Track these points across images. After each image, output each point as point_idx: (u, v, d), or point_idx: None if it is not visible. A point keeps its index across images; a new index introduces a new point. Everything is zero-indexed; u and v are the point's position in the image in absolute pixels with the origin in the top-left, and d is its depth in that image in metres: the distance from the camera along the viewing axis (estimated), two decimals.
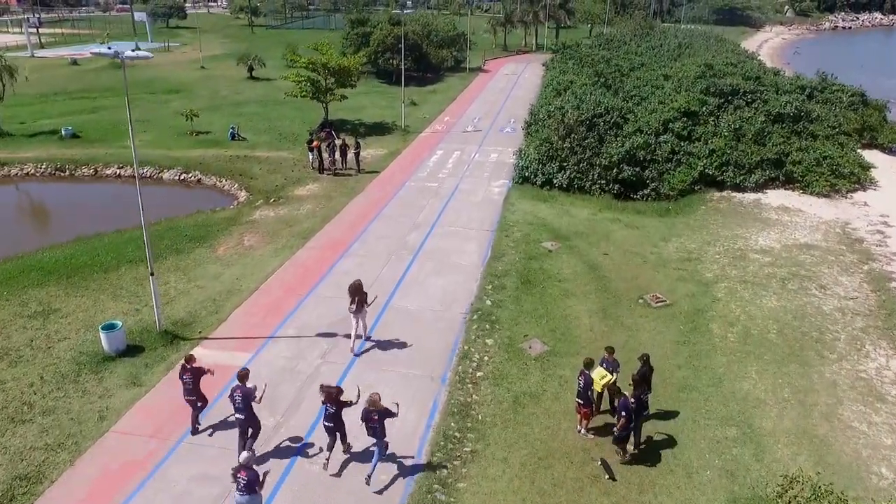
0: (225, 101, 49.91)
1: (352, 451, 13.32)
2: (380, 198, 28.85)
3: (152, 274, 16.91)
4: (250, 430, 12.90)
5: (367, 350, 16.99)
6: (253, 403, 12.72)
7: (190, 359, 13.75)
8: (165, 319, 17.87)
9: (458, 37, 68.32)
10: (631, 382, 13.94)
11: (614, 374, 14.30)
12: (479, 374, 16.25)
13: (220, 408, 14.29)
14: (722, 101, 34.91)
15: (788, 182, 30.25)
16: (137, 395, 15.00)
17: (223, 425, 13.93)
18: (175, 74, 62.77)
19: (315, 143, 32.29)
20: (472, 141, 39.24)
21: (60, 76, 60.92)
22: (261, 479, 10.94)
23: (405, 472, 12.94)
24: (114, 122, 41.94)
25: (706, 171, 29.98)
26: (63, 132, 37.59)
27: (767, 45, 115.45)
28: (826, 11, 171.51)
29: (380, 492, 12.43)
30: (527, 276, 21.33)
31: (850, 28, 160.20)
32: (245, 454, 11.23)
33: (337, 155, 32.76)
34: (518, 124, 43.35)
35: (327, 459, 12.81)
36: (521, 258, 22.79)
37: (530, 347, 17.40)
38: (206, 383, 13.88)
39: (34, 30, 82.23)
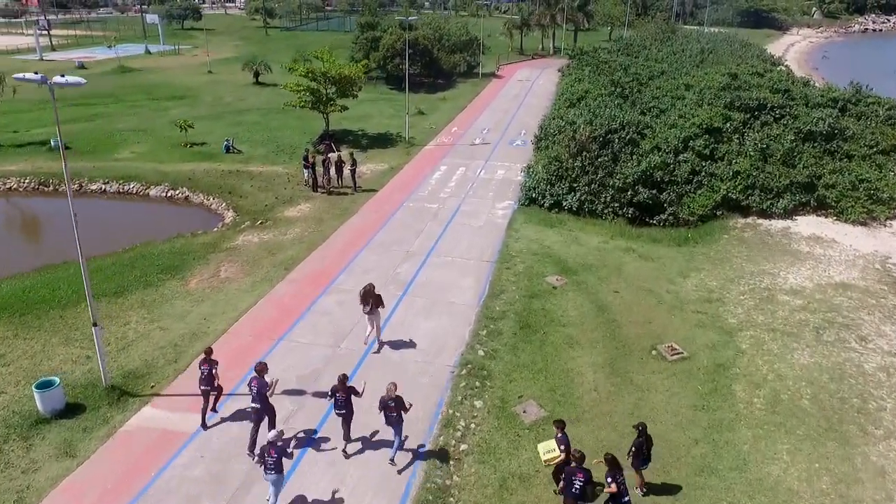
0: (227, 109, 48.25)
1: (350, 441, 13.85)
2: (374, 221, 26.81)
3: (95, 324, 14.96)
4: (267, 418, 13.56)
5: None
6: (267, 393, 13.44)
7: (209, 351, 14.55)
8: (116, 370, 15.99)
9: (471, 41, 66.13)
10: (628, 455, 12.28)
11: (561, 453, 12.33)
12: (462, 446, 14.09)
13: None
14: (748, 116, 32.30)
15: (821, 208, 27.63)
16: (68, 468, 13.07)
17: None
18: (181, 79, 61.44)
19: (311, 158, 30.32)
20: (478, 155, 37.07)
21: None
22: (289, 451, 11.94)
23: None
24: (108, 132, 40.44)
25: (730, 194, 27.50)
26: (52, 143, 36.11)
27: (794, 48, 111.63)
28: (855, 13, 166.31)
29: None
30: (527, 319, 19.13)
31: (880, 31, 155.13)
32: (273, 432, 11.88)
33: (332, 172, 30.80)
34: (529, 136, 41.09)
35: (344, 449, 13.70)
36: (522, 296, 20.59)
37: (524, 412, 15.21)
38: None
39: (44, 32, 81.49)
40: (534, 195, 28.90)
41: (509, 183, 32.02)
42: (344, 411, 13.47)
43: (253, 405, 13.50)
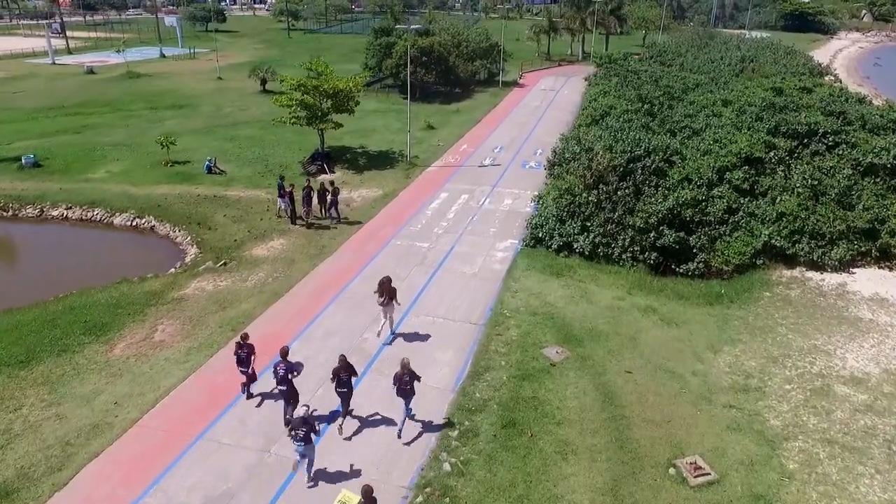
0: (224, 121, 45.25)
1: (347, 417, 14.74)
2: (351, 264, 23.19)
3: None
4: (291, 400, 14.26)
5: None
6: (291, 376, 14.22)
7: (245, 336, 15.41)
8: None
9: (492, 48, 62.18)
10: None
11: None
12: None
13: None
14: (795, 144, 27.75)
15: (885, 259, 23.13)
16: None
17: None
18: (188, 86, 58.90)
19: (287, 189, 26.84)
20: (486, 179, 33.21)
21: (69, 87, 57.76)
22: (317, 427, 12.96)
23: None
24: (90, 147, 37.68)
25: (773, 240, 23.15)
26: (23, 161, 33.39)
27: (842, 54, 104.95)
28: None
29: None
30: (512, 413, 15.28)
31: None
32: (302, 408, 12.85)
33: (315, 201, 27.31)
34: (546, 157, 37.05)
35: (340, 425, 14.58)
36: (512, 376, 16.74)
37: None
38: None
39: (57, 35, 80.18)
40: (540, 234, 24.95)
41: (516, 216, 28.10)
42: (345, 390, 14.44)
43: (279, 388, 14.47)
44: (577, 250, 24.25)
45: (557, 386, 16.41)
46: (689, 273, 23.22)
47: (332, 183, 27.64)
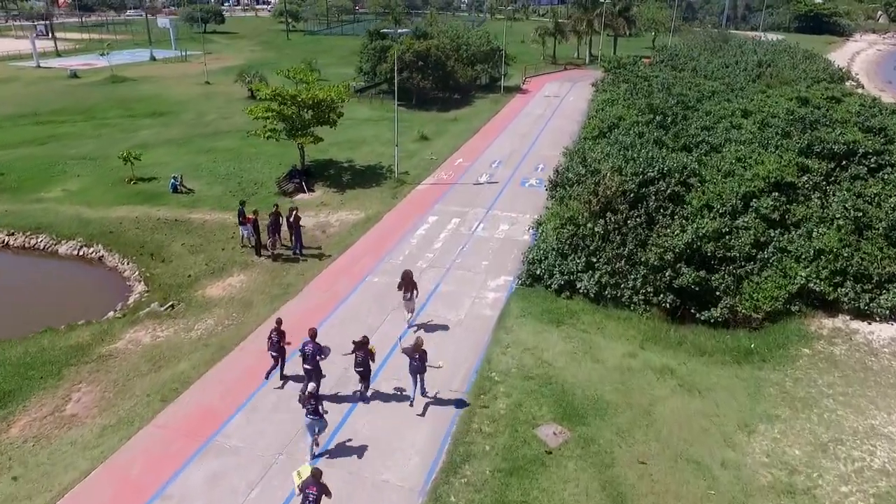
0: (204, 131, 42.19)
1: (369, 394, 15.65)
2: (317, 308, 19.94)
3: None
4: (314, 378, 14.76)
5: None
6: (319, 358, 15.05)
7: (280, 322, 16.21)
8: None
9: (493, 51, 58.86)
10: None
11: None
12: None
13: None
14: (832, 165, 24.32)
15: None
16: None
17: None
18: (173, 91, 55.91)
19: (249, 217, 23.64)
20: (481, 200, 29.93)
21: (48, 92, 54.86)
22: (323, 405, 13.84)
23: None
24: (53, 161, 34.66)
25: (810, 283, 19.77)
26: None
27: (860, 57, 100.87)
28: None
29: None
30: None
31: None
32: (311, 385, 13.79)
33: (283, 229, 24.12)
34: (548, 170, 33.77)
35: (363, 399, 15.61)
36: (497, 469, 13.46)
37: None
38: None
39: (42, 36, 77.41)
40: (539, 271, 21.66)
41: (512, 245, 24.81)
42: (362, 369, 15.20)
43: (305, 366, 15.06)
44: (581, 291, 20.93)
45: (554, 483, 13.13)
46: (712, 321, 19.84)
47: (293, 211, 24.09)
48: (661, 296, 20.46)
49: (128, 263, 23.48)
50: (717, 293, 20.40)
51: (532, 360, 17.33)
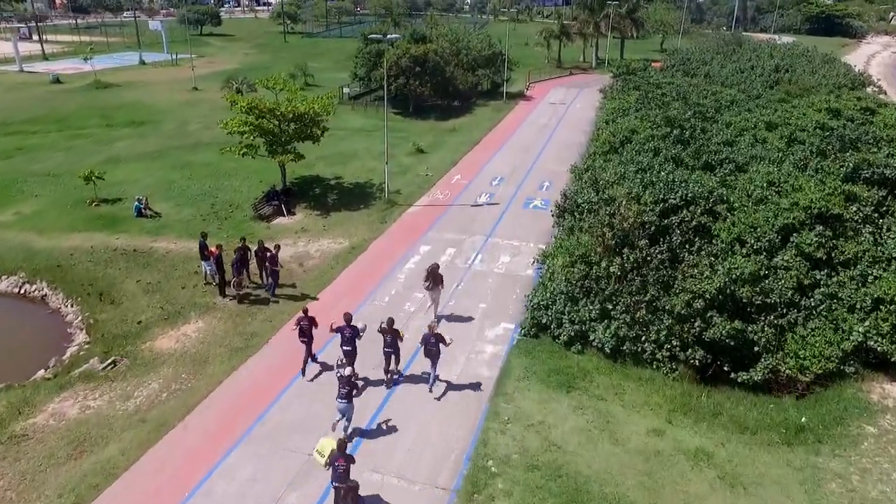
0: (183, 143, 39.24)
1: (400, 375, 16.30)
2: (285, 365, 16.91)
3: None
4: (351, 360, 15.33)
5: None
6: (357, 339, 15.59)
7: (306, 310, 16.83)
8: None
9: (495, 56, 55.77)
10: None
11: None
12: None
13: None
14: (884, 193, 21.13)
15: None
16: None
17: None
18: (157, 98, 52.98)
19: (213, 250, 20.61)
20: (479, 225, 26.88)
21: (26, 99, 51.97)
22: (359, 388, 14.95)
23: None
24: (11, 179, 31.68)
25: (868, 339, 16.63)
26: None
27: (876, 60, 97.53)
28: None
29: None
30: None
31: None
32: (348, 369, 14.20)
33: (251, 265, 21.12)
34: (554, 192, 30.72)
35: (387, 378, 16.09)
36: None
37: None
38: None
39: (26, 38, 74.62)
40: (545, 319, 18.60)
41: (513, 283, 21.76)
42: (391, 350, 15.78)
43: (345, 348, 15.48)
44: (595, 344, 17.86)
45: None
46: (751, 385, 16.72)
47: (260, 244, 20.98)
48: (690, 351, 17.36)
49: (72, 305, 20.47)
50: (756, 349, 17.28)
51: (538, 442, 14.24)
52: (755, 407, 15.82)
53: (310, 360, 16.81)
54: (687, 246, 19.74)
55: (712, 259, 19.16)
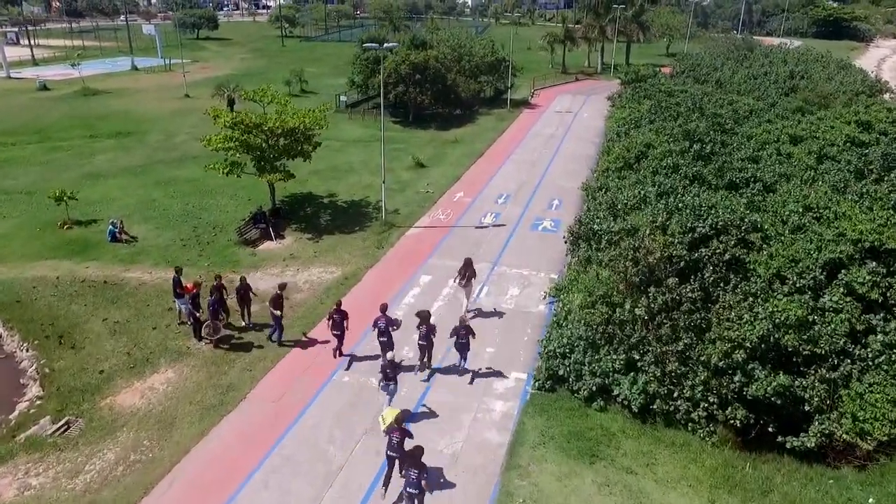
0: (169, 155, 37.03)
1: (431, 368, 16.74)
2: (260, 429, 14.63)
3: None
4: (388, 349, 16.23)
5: None
6: (391, 329, 16.33)
7: (339, 303, 17.35)
8: None
9: (499, 62, 53.54)
10: None
11: None
12: None
13: None
14: None
15: None
16: None
17: None
18: (144, 106, 50.76)
19: (189, 286, 18.36)
20: (484, 250, 24.58)
21: (10, 107, 49.73)
22: (400, 370, 15.44)
23: None
24: None
25: None
26: None
27: (887, 64, 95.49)
28: None
29: None
30: None
31: None
32: (390, 353, 15.77)
33: (228, 302, 18.84)
34: (564, 211, 28.57)
35: (421, 369, 16.61)
36: None
37: None
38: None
39: (14, 43, 72.49)
40: (561, 369, 16.34)
41: (524, 321, 19.49)
42: (425, 342, 16.23)
43: (381, 339, 16.30)
44: (621, 399, 15.60)
45: None
46: (803, 451, 14.44)
47: (242, 280, 18.74)
48: (729, 410, 15.09)
49: (28, 350, 18.19)
50: (807, 408, 15.00)
51: None
52: (811, 483, 13.54)
53: (339, 354, 17.24)
54: (721, 284, 17.48)
55: (750, 298, 16.88)
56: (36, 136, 40.85)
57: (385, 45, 29.76)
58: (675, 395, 15.38)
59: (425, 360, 16.62)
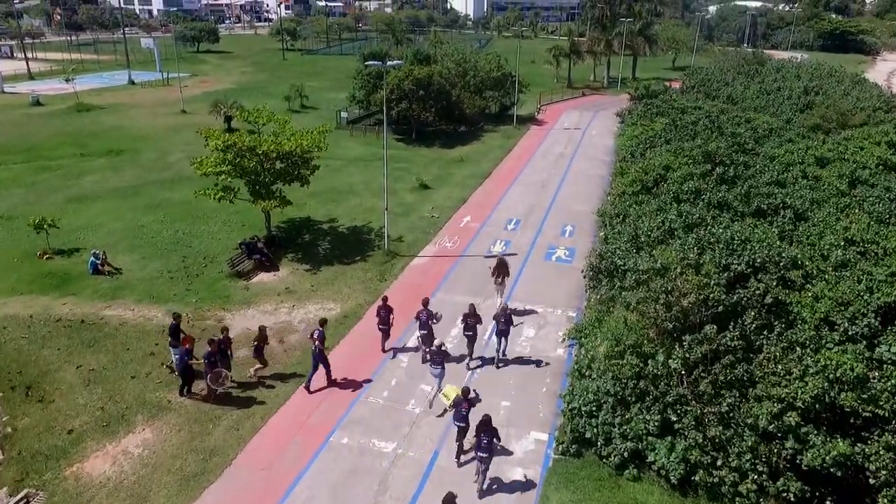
0: (162, 176, 35.36)
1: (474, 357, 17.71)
2: (248, 502, 12.81)
3: None
4: (430, 340, 17.07)
5: None
6: (431, 322, 17.27)
7: (385, 298, 18.30)
8: None
9: (504, 77, 51.97)
10: None
11: None
12: None
13: None
14: None
15: None
16: None
17: None
18: (139, 123, 49.17)
19: (187, 338, 16.52)
20: (494, 284, 22.75)
21: (1, 123, 48.17)
22: (447, 355, 16.50)
23: None
24: None
25: None
26: None
27: None
28: None
29: None
30: None
31: None
32: (437, 340, 16.48)
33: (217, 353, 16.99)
34: (578, 238, 26.79)
35: (470, 358, 17.75)
36: None
37: None
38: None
39: (9, 57, 71.11)
40: (587, 430, 14.47)
41: (542, 370, 17.64)
42: (471, 333, 17.34)
43: (421, 332, 17.39)
44: (657, 467, 13.74)
45: None
46: None
47: (223, 331, 16.84)
48: (782, 481, 13.23)
49: None
50: (871, 480, 13.13)
51: None
52: None
53: (385, 349, 18.21)
54: (765, 333, 15.64)
55: (799, 349, 15.04)
56: (23, 155, 39.20)
57: (388, 62, 27.90)
58: (720, 463, 13.52)
59: (470, 351, 17.79)
